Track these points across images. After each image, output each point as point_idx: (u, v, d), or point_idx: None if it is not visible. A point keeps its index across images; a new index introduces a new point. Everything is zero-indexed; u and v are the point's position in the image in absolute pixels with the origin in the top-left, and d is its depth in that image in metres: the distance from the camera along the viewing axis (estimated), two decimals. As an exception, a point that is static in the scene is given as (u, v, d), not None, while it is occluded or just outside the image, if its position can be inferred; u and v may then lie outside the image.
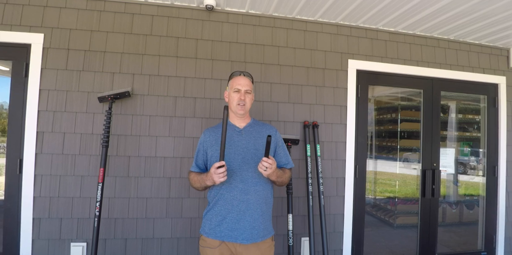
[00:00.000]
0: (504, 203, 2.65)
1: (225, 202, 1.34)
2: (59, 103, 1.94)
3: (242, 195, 1.33)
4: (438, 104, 2.61)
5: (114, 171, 1.98)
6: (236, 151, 1.38)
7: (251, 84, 1.47)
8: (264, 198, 1.39)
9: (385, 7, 2.07)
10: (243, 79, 1.44)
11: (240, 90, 1.42)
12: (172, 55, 2.11)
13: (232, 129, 1.45)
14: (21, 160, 1.88)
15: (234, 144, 1.40)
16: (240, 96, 1.41)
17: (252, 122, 1.52)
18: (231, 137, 1.41)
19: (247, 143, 1.41)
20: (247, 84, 1.43)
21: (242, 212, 1.33)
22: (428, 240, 2.52)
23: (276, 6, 2.13)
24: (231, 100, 1.44)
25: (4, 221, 1.87)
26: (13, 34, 1.91)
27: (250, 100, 1.46)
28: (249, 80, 1.46)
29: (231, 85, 1.45)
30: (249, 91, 1.44)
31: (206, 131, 1.50)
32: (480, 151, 2.84)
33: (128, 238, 1.98)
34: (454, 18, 2.19)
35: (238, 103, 1.40)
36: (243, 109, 1.42)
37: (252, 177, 1.36)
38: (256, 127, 1.50)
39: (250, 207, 1.34)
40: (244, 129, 1.46)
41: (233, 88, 1.43)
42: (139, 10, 2.09)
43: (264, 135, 1.46)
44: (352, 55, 2.40)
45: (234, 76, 1.48)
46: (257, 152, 1.39)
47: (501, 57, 2.75)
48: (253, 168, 1.36)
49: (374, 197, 2.78)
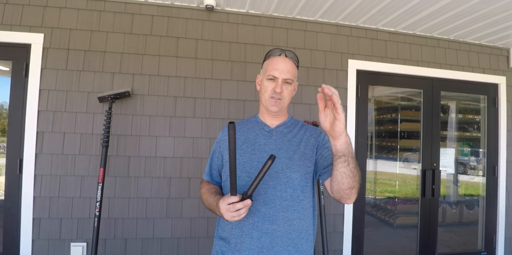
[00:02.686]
0: (504, 203, 2.65)
1: (240, 232, 0.94)
2: (59, 103, 1.94)
3: (266, 224, 0.92)
4: (438, 104, 2.60)
5: (114, 171, 1.98)
6: (260, 158, 0.98)
7: (295, 69, 1.04)
8: (299, 230, 0.95)
9: (385, 7, 2.07)
10: (283, 62, 1.00)
11: (277, 78, 0.99)
12: (172, 55, 2.11)
13: (260, 127, 1.08)
14: (21, 160, 1.88)
15: (258, 148, 1.01)
16: (275, 87, 0.99)
17: (289, 121, 1.11)
18: (256, 138, 1.04)
19: (278, 148, 1.00)
20: (288, 70, 1.00)
21: (266, 250, 0.91)
22: (428, 240, 2.52)
23: (276, 6, 2.12)
24: (262, 91, 1.04)
25: (4, 221, 1.87)
26: (13, 34, 1.91)
27: (290, 93, 1.05)
28: (292, 64, 1.02)
29: (266, 69, 1.04)
30: (289, 80, 1.00)
31: (225, 127, 1.10)
32: (480, 151, 2.84)
33: (128, 238, 1.98)
34: (454, 18, 2.19)
35: (272, 96, 1.00)
36: (277, 106, 1.01)
37: (282, 197, 0.94)
38: (294, 128, 1.08)
39: (277, 242, 0.92)
40: (276, 129, 1.07)
41: (267, 73, 1.02)
42: (139, 10, 2.09)
43: (304, 140, 1.04)
44: (352, 55, 2.40)
45: (272, 56, 1.04)
46: (290, 162, 0.98)
47: (501, 57, 2.75)
48: (284, 184, 0.95)
49: (374, 197, 2.78)
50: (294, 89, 1.07)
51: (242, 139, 1.04)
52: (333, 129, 0.76)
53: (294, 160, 0.99)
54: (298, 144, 1.02)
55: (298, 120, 1.15)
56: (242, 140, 1.04)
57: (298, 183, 0.97)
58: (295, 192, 0.96)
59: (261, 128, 1.08)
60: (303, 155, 1.00)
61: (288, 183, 0.96)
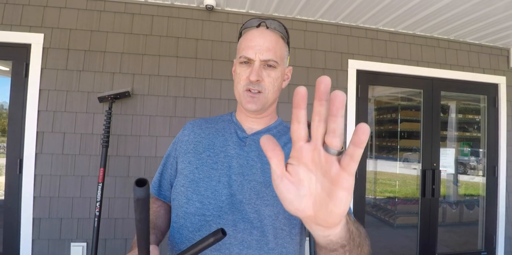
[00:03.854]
0: (504, 203, 2.65)
1: None
2: (59, 103, 1.94)
3: None
4: (438, 104, 2.60)
5: (114, 171, 1.98)
6: (221, 176, 0.67)
7: (281, 46, 0.70)
8: None
9: (385, 7, 2.06)
10: (260, 36, 0.67)
11: (252, 60, 0.67)
12: (172, 55, 2.11)
13: (232, 130, 0.75)
14: (21, 160, 1.88)
15: (223, 161, 0.69)
16: (250, 75, 0.66)
17: (276, 127, 0.77)
18: (223, 146, 0.72)
19: (249, 166, 0.68)
20: (268, 47, 0.66)
21: None
22: (428, 240, 2.52)
23: (276, 6, 2.12)
24: (236, 80, 0.73)
25: (4, 221, 1.87)
26: (13, 34, 1.91)
27: (276, 82, 0.69)
28: (276, 37, 0.69)
29: (238, 48, 0.72)
30: (272, 62, 0.67)
31: (189, 124, 0.80)
32: (480, 151, 2.84)
33: (128, 238, 1.98)
34: (454, 18, 2.19)
35: (247, 88, 0.68)
36: (255, 102, 0.68)
37: (243, 242, 0.61)
38: (280, 138, 0.75)
39: None
40: (254, 136, 0.73)
41: (239, 54, 0.70)
42: (139, 10, 2.09)
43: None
44: (352, 55, 2.40)
45: (247, 30, 0.71)
46: (263, 190, 0.65)
47: (501, 57, 2.75)
48: (248, 221, 0.62)
49: (374, 197, 2.78)
50: (285, 76, 0.73)
51: (204, 144, 0.72)
52: (325, 209, 0.30)
53: (271, 187, 0.64)
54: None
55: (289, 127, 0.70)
56: (204, 145, 0.72)
57: (270, 224, 0.62)
58: (263, 237, 0.61)
59: (233, 131, 0.74)
60: None
61: (256, 221, 0.62)
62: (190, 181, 0.68)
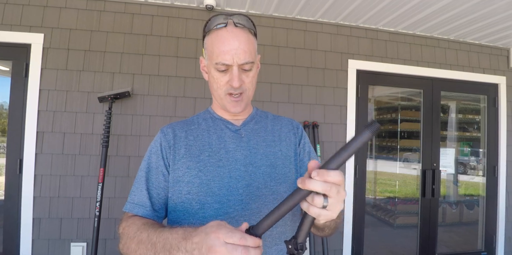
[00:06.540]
0: (504, 203, 2.65)
1: None
2: (59, 103, 1.94)
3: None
4: (438, 104, 2.60)
5: (114, 171, 1.98)
6: (232, 171, 0.68)
7: (252, 42, 0.69)
8: None
9: (385, 7, 2.06)
10: (233, 38, 0.65)
11: (231, 66, 0.66)
12: (172, 55, 2.11)
13: (222, 125, 0.76)
14: (21, 160, 1.88)
15: (227, 157, 0.70)
16: (231, 81, 0.66)
17: (256, 113, 0.82)
18: (221, 143, 0.72)
19: (253, 154, 0.72)
20: (244, 49, 0.65)
21: None
22: (428, 240, 2.52)
23: (276, 6, 2.12)
24: (214, 85, 0.71)
25: (4, 221, 1.87)
26: (13, 34, 1.91)
27: (254, 79, 0.71)
28: (247, 35, 0.67)
29: (210, 51, 0.68)
30: (249, 64, 0.67)
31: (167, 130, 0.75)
32: (480, 151, 2.84)
33: (128, 238, 1.98)
34: (454, 18, 2.19)
35: (229, 93, 0.69)
36: (240, 105, 0.71)
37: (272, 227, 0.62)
38: (266, 123, 0.80)
39: None
40: (245, 126, 0.77)
41: (213, 60, 0.66)
42: (139, 10, 2.09)
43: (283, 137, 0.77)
44: (352, 55, 2.39)
45: (214, 30, 0.67)
46: (273, 171, 0.71)
47: (501, 57, 2.74)
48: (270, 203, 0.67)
49: (374, 197, 2.78)
50: (256, 73, 0.72)
51: (197, 146, 0.71)
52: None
53: (278, 167, 0.71)
54: (278, 144, 0.75)
55: (265, 111, 0.84)
56: (198, 147, 0.71)
57: None
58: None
59: (223, 127, 0.75)
60: (286, 158, 0.74)
61: (275, 201, 0.66)
62: (197, 185, 0.66)
